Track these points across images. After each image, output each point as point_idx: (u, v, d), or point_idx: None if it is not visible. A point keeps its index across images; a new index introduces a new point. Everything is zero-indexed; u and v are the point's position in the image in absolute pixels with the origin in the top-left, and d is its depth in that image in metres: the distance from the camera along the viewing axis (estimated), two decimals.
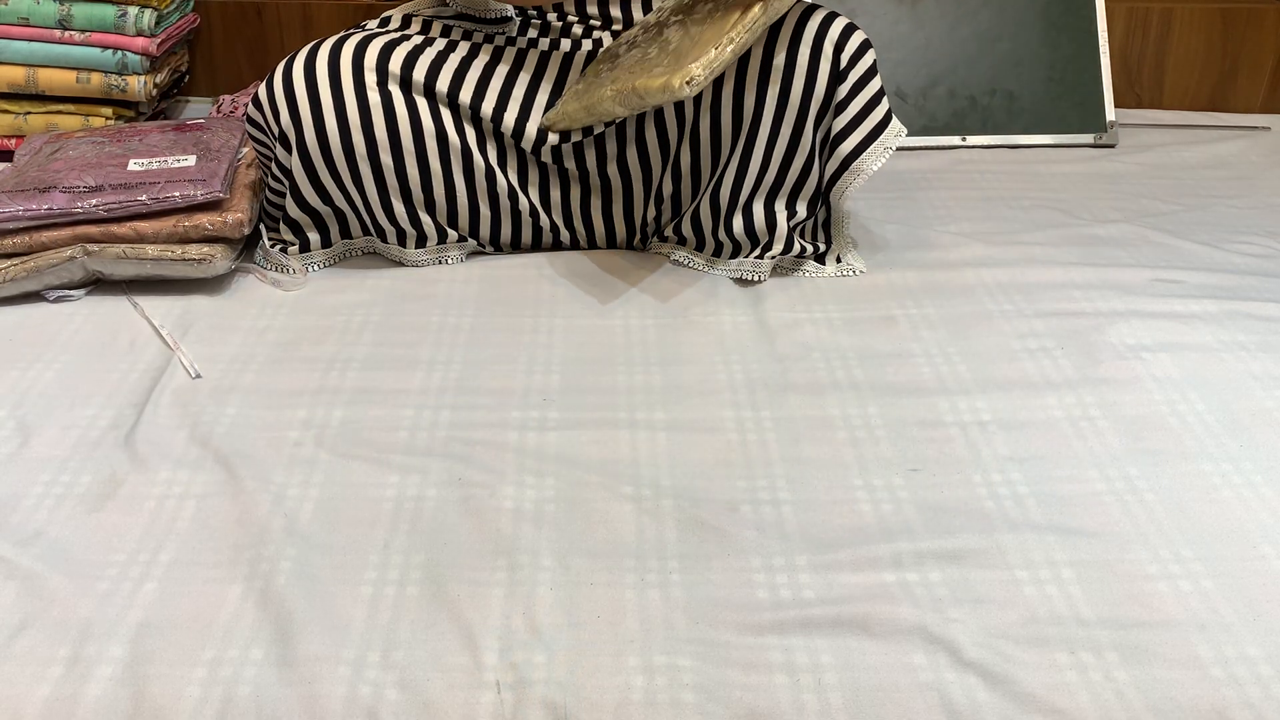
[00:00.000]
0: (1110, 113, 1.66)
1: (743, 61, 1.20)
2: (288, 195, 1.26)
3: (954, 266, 1.29)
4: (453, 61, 1.26)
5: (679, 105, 1.25)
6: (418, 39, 1.27)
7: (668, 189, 1.29)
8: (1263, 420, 1.02)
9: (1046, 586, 0.83)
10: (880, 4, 1.69)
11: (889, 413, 1.03)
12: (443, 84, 1.24)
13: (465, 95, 1.25)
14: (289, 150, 1.22)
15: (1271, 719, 0.73)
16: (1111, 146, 1.65)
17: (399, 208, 1.25)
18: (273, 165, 1.26)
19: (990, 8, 1.68)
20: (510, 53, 1.29)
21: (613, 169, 1.30)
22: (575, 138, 1.26)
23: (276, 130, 1.22)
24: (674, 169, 1.28)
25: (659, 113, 1.26)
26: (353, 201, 1.25)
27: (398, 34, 1.27)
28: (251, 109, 1.25)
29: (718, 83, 1.21)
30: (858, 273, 1.28)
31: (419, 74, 1.23)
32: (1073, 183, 1.55)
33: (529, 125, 1.26)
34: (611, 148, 1.29)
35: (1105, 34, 1.67)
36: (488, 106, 1.25)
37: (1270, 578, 0.84)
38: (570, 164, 1.30)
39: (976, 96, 1.66)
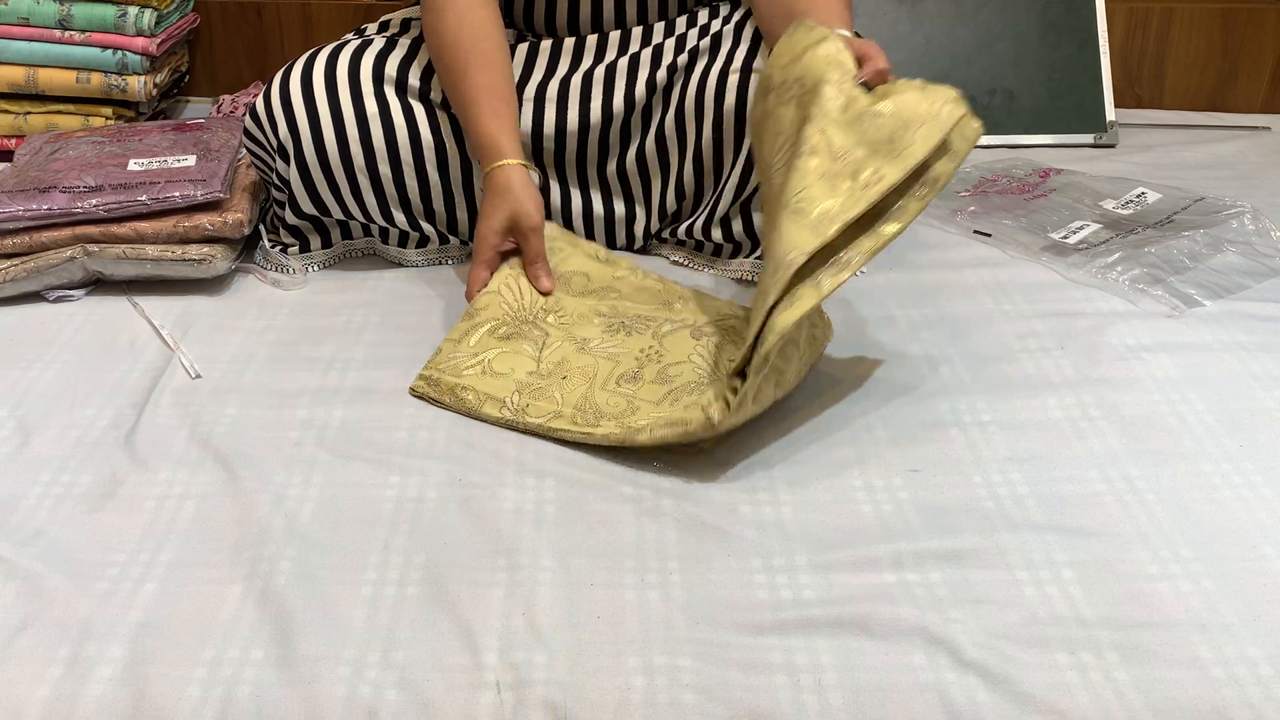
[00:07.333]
0: (1110, 113, 1.66)
1: (745, 75, 1.19)
2: (286, 206, 1.25)
3: (954, 266, 1.29)
4: None
5: (680, 120, 1.24)
6: (414, 42, 1.26)
7: (670, 205, 1.29)
8: (1263, 420, 1.02)
9: (1047, 587, 0.83)
10: (880, 4, 1.68)
11: (889, 413, 1.03)
12: (437, 89, 1.24)
13: None
14: (287, 162, 1.21)
15: (1272, 719, 0.73)
16: (1111, 146, 1.65)
17: (399, 217, 1.25)
18: (273, 176, 1.26)
19: (990, 8, 1.67)
20: None
21: (615, 182, 1.30)
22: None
23: (275, 143, 1.21)
24: (678, 185, 1.27)
25: (660, 125, 1.26)
26: (350, 213, 1.24)
27: (395, 38, 1.27)
28: (249, 123, 1.24)
29: (720, 98, 1.21)
30: (858, 273, 1.27)
31: (414, 78, 1.23)
32: None
33: (523, 120, 1.26)
34: (613, 156, 1.29)
35: (1105, 34, 1.67)
36: None
37: (1270, 578, 0.84)
38: (570, 172, 1.30)
39: (976, 96, 1.66)
